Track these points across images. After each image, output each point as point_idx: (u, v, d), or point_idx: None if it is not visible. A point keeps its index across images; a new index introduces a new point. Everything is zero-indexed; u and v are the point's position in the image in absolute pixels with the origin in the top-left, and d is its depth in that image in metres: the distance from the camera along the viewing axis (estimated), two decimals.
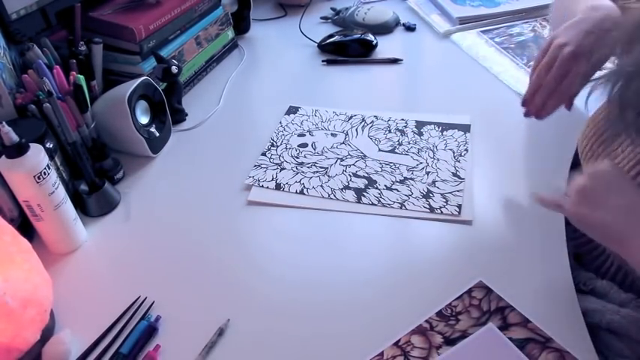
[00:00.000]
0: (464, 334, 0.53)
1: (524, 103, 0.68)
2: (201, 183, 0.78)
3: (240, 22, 1.16)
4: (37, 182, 0.59)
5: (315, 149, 0.81)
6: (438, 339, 0.53)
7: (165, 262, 0.65)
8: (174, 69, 0.86)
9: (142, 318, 0.58)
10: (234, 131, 0.89)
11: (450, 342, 0.52)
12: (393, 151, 0.80)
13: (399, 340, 0.53)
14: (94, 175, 0.72)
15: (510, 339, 0.52)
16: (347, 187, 0.73)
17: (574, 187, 0.51)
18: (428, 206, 0.69)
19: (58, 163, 0.70)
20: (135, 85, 0.77)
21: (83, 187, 0.73)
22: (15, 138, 0.57)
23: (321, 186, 0.74)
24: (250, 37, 1.19)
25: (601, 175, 0.50)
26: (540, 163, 0.75)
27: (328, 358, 0.53)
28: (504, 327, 0.53)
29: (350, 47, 1.07)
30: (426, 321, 0.55)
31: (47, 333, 0.55)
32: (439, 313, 0.55)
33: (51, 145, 0.67)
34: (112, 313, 0.59)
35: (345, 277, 0.61)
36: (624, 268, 0.55)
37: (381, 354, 0.52)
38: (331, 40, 1.09)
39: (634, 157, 0.53)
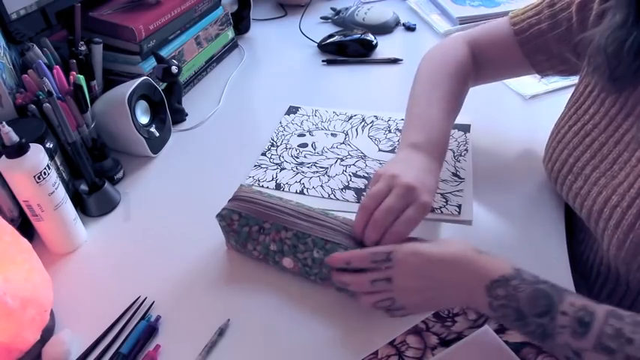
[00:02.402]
0: (460, 336, 0.53)
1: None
2: (201, 183, 0.78)
3: (240, 22, 1.16)
4: (37, 182, 0.59)
5: (315, 149, 0.81)
6: (434, 340, 0.53)
7: (165, 262, 0.65)
8: (174, 69, 0.86)
9: (142, 318, 0.58)
10: (234, 131, 0.89)
11: (445, 343, 0.52)
12: (393, 151, 0.80)
13: (394, 340, 0.53)
14: (94, 175, 0.72)
15: (506, 342, 0.52)
16: (347, 187, 0.73)
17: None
18: None
19: (58, 163, 0.70)
20: (135, 85, 0.77)
21: (83, 187, 0.73)
22: (15, 138, 0.57)
23: (321, 186, 0.74)
24: (250, 37, 1.19)
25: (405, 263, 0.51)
26: (540, 163, 0.74)
27: (325, 357, 0.53)
28: (501, 330, 0.53)
29: (350, 47, 1.07)
30: (423, 321, 0.54)
31: (47, 333, 0.56)
32: (436, 314, 0.55)
33: (51, 145, 0.67)
34: (112, 313, 0.59)
35: None
36: (631, 279, 0.55)
37: (376, 353, 0.52)
38: (331, 40, 1.09)
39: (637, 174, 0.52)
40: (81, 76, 0.74)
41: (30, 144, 0.59)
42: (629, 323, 0.42)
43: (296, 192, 0.73)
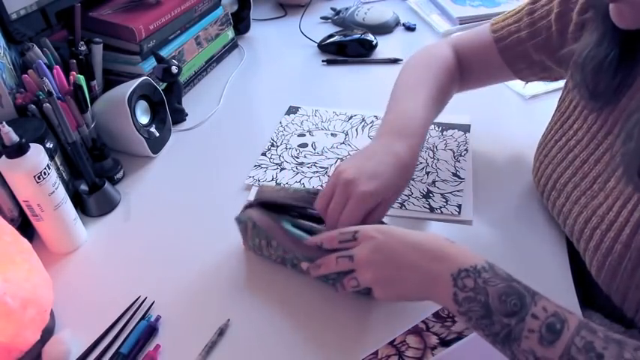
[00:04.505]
0: (460, 336, 0.53)
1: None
2: (201, 183, 0.78)
3: (240, 22, 1.16)
4: (37, 182, 0.59)
5: (315, 149, 0.81)
6: (434, 340, 0.53)
7: (165, 262, 0.65)
8: (174, 69, 0.86)
9: (142, 318, 0.58)
10: (234, 131, 0.89)
11: (445, 343, 0.52)
12: None
13: (394, 340, 0.53)
14: (94, 175, 0.72)
15: None
16: None
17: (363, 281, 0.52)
18: (428, 206, 0.69)
19: (58, 163, 0.70)
20: (135, 85, 0.77)
21: (83, 187, 0.73)
22: (15, 138, 0.57)
23: (321, 186, 0.74)
24: (250, 37, 1.19)
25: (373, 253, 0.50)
26: None
27: (325, 357, 0.53)
28: None
29: (350, 47, 1.07)
30: (423, 322, 0.54)
31: (47, 333, 0.55)
32: (436, 314, 0.55)
33: (51, 145, 0.67)
34: (112, 313, 0.59)
35: None
36: (613, 298, 0.55)
37: (376, 353, 0.52)
38: (331, 40, 1.09)
39: (619, 196, 0.51)
40: (81, 76, 0.74)
41: (30, 144, 0.59)
42: (601, 338, 0.40)
43: None
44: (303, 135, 0.85)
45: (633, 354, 0.39)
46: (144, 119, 0.82)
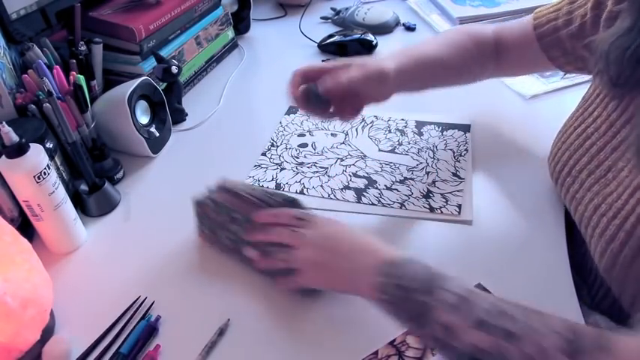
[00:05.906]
0: None
1: None
2: (201, 183, 0.77)
3: (240, 22, 1.16)
4: (37, 182, 0.59)
5: (315, 149, 0.81)
6: None
7: (165, 262, 0.65)
8: (174, 69, 0.86)
9: (142, 318, 0.58)
10: (234, 131, 0.89)
11: None
12: (393, 151, 0.80)
13: (394, 340, 0.53)
14: (94, 175, 0.72)
15: None
16: (347, 187, 0.73)
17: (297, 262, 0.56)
18: (428, 206, 0.69)
19: (58, 163, 0.70)
20: (135, 85, 0.77)
21: (83, 187, 0.73)
22: (15, 138, 0.57)
23: (321, 186, 0.74)
24: (250, 37, 1.19)
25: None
26: (540, 163, 0.74)
27: (325, 356, 0.53)
28: None
29: (350, 47, 1.07)
30: None
31: (47, 333, 0.55)
32: None
33: (51, 145, 0.67)
34: (112, 313, 0.59)
35: None
36: (619, 302, 0.55)
37: (376, 353, 0.52)
38: (331, 40, 1.09)
39: (629, 184, 0.52)
40: (81, 76, 0.74)
41: (30, 144, 0.59)
42: (512, 305, 0.43)
43: (296, 192, 0.73)
44: (303, 135, 0.85)
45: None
46: (144, 119, 0.82)
